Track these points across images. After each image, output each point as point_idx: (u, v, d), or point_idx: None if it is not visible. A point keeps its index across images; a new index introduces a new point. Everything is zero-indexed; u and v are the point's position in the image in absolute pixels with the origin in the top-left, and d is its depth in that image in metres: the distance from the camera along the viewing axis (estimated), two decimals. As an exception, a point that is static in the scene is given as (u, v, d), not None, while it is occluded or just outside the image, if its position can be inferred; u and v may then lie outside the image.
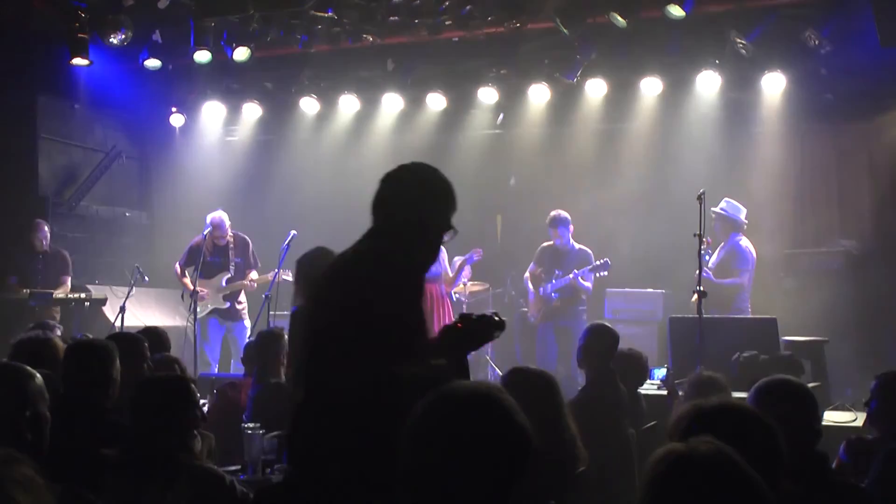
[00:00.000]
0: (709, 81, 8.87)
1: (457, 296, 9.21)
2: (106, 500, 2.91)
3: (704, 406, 2.35)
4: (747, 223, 8.26)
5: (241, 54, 9.37)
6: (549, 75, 9.35)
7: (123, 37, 8.99)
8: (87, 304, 8.93)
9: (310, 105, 10.34)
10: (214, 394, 5.95)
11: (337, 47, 9.46)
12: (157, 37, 9.52)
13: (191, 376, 4.99)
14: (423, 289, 3.16)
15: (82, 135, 10.81)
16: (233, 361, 9.15)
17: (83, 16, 8.89)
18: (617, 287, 9.11)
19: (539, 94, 9.54)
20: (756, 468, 1.78)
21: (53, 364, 3.94)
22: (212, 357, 9.20)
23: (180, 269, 9.19)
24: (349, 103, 10.27)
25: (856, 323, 8.05)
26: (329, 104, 10.37)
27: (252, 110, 10.69)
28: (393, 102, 10.13)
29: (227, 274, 9.13)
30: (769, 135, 9.37)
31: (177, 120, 10.70)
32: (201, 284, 8.87)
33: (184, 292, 9.10)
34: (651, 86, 9.18)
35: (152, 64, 9.69)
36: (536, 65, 9.43)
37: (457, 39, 9.26)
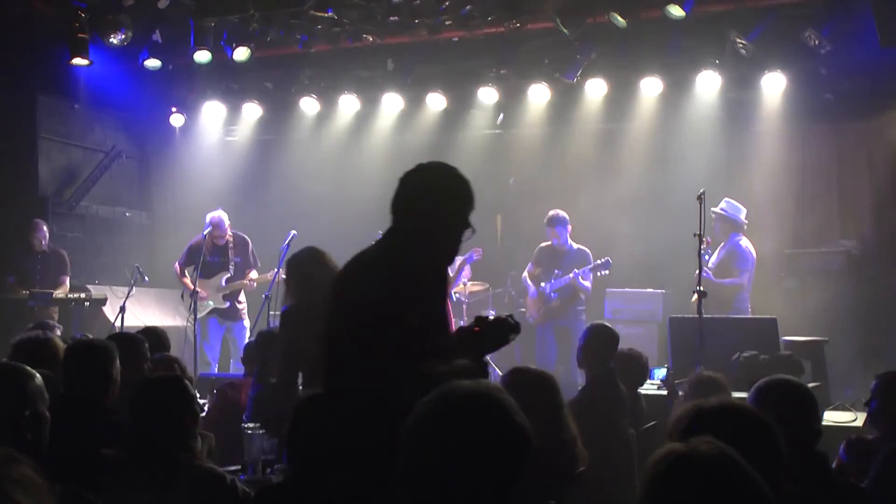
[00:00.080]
0: (709, 81, 8.86)
1: (457, 296, 9.20)
2: (106, 500, 2.91)
3: (704, 406, 2.35)
4: (747, 223, 8.26)
5: (241, 54, 9.36)
6: (549, 75, 9.35)
7: (123, 37, 9.00)
8: (86, 304, 8.94)
9: (310, 105, 10.33)
10: (214, 394, 5.94)
11: (337, 47, 9.45)
12: (157, 37, 9.52)
13: (191, 376, 4.99)
14: (447, 288, 3.13)
15: (82, 135, 10.82)
16: (232, 361, 9.15)
17: (83, 16, 8.90)
18: (617, 287, 9.10)
19: (539, 94, 9.53)
20: (756, 468, 1.78)
21: (53, 364, 3.93)
22: (212, 357, 9.21)
23: (180, 269, 9.19)
24: (349, 103, 10.26)
25: (856, 323, 8.04)
26: (329, 104, 10.36)
27: (252, 110, 10.68)
28: (393, 102, 10.13)
29: (227, 273, 9.13)
30: (769, 135, 9.37)
31: (177, 120, 10.69)
32: (201, 284, 8.87)
33: (184, 292, 9.09)
34: (651, 86, 9.17)
35: (152, 64, 9.69)
36: (536, 65, 9.42)
37: (457, 39, 9.26)
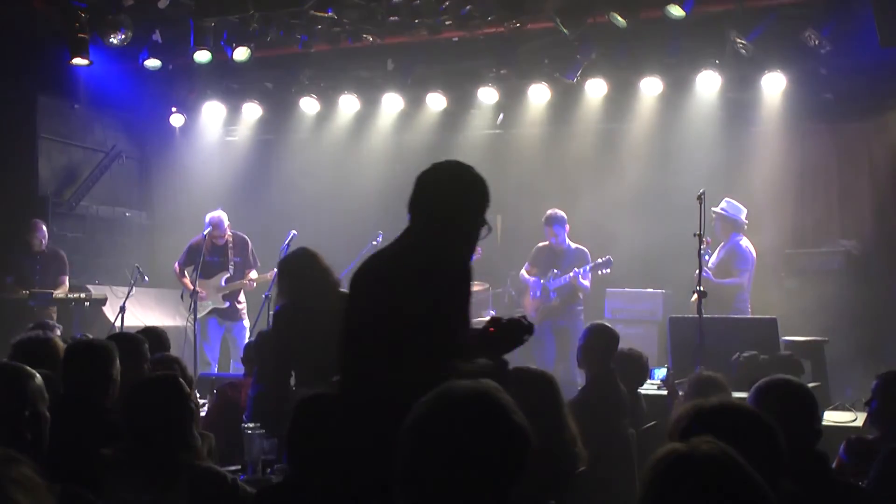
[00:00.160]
0: (709, 81, 8.85)
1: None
2: (106, 500, 2.91)
3: (704, 406, 2.35)
4: (747, 223, 8.26)
5: (241, 54, 9.35)
6: (549, 75, 9.34)
7: (123, 37, 8.99)
8: (86, 304, 8.93)
9: (310, 105, 10.32)
10: (214, 394, 5.94)
11: (337, 47, 9.44)
12: (157, 37, 9.51)
13: (190, 376, 4.98)
14: (470, 286, 3.09)
15: (82, 135, 10.82)
16: (232, 361, 9.15)
17: (83, 16, 8.89)
18: (617, 287, 9.09)
19: (539, 94, 9.52)
20: (756, 468, 1.77)
21: (53, 364, 3.93)
22: (211, 357, 9.21)
23: (179, 269, 9.19)
24: (349, 103, 10.25)
25: (856, 323, 8.04)
26: (329, 104, 10.35)
27: (252, 110, 10.68)
28: (393, 102, 10.12)
29: (227, 273, 9.13)
30: (769, 134, 9.36)
31: (177, 120, 10.68)
32: (200, 284, 8.87)
33: (183, 292, 9.09)
34: (651, 86, 9.16)
35: (152, 64, 9.68)
36: (536, 65, 9.41)
37: (457, 39, 9.25)
